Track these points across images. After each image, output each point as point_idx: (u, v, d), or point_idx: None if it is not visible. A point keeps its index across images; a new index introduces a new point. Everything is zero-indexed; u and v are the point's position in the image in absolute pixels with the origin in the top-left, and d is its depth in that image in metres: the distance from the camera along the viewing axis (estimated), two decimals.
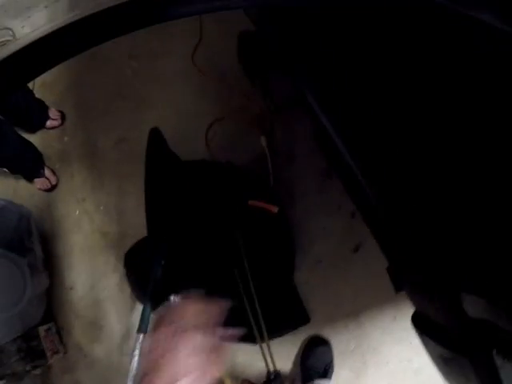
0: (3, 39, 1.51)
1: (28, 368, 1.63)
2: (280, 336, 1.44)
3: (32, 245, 1.64)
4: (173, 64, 1.90)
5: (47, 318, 1.71)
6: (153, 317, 1.26)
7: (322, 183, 1.61)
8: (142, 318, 1.27)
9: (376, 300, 1.50)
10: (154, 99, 1.87)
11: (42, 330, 1.65)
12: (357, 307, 1.52)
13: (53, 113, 1.95)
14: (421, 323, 0.73)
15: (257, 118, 1.70)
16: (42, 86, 2.03)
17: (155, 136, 1.20)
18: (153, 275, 1.27)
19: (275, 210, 1.29)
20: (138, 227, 1.55)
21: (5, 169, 1.79)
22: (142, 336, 1.27)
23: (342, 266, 1.55)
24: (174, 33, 1.96)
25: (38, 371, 1.68)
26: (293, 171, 1.62)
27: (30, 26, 1.98)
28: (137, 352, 1.25)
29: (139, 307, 1.54)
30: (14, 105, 1.76)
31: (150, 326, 1.24)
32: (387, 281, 0.97)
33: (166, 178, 1.20)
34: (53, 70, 2.15)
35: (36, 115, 1.91)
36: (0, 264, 1.52)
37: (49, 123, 1.95)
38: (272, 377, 1.10)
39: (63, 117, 1.97)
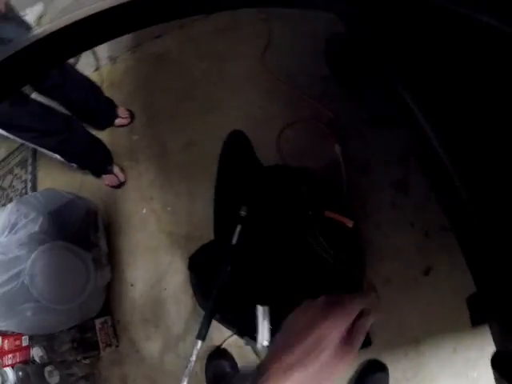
0: None
1: (79, 358, 1.66)
2: None
3: (98, 240, 1.67)
4: (241, 66, 1.89)
5: (104, 311, 1.72)
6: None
7: (395, 197, 1.50)
8: (203, 325, 1.24)
9: (439, 329, 1.39)
10: (223, 102, 1.85)
11: (98, 322, 1.67)
12: (419, 334, 1.42)
13: (122, 111, 1.99)
14: (502, 365, 0.62)
15: (330, 123, 1.63)
16: (110, 86, 2.10)
17: (237, 138, 1.16)
18: (218, 282, 1.23)
19: (350, 224, 1.21)
20: (204, 230, 1.53)
21: (73, 164, 1.83)
22: (200, 342, 1.24)
23: (410, 288, 1.44)
24: (240, 35, 1.96)
25: (87, 361, 1.71)
26: (367, 183, 1.53)
27: None
28: (193, 358, 1.22)
29: (199, 311, 1.53)
30: (83, 102, 1.81)
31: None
32: (453, 309, 0.96)
33: (241, 181, 1.16)
34: (120, 69, 2.18)
35: (105, 113, 1.96)
36: (65, 257, 1.56)
37: (118, 121, 1.99)
38: None
39: (132, 116, 2.01)
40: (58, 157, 1.75)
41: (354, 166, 1.55)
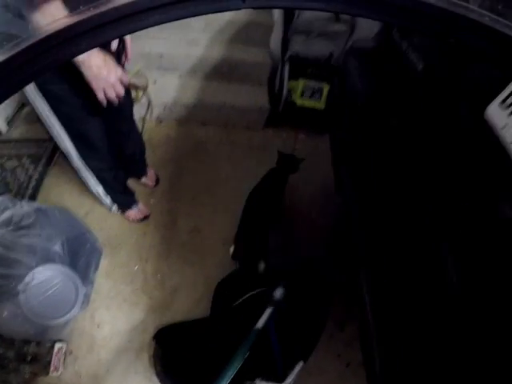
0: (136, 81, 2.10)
1: (27, 371, 1.72)
2: None
3: (94, 278, 1.88)
4: None
5: None
6: None
7: (333, 332, 1.98)
8: None
9: None
10: (233, 211, 2.18)
11: (57, 346, 1.79)
12: None
13: (151, 174, 2.30)
14: None
15: None
16: (147, 142, 2.28)
17: None
18: None
19: None
20: (179, 309, 1.87)
21: (100, 187, 1.97)
22: None
23: None
24: (267, 159, 2.40)
25: (27, 375, 1.74)
26: None
27: (161, 83, 2.75)
28: None
29: (151, 374, 1.78)
30: (130, 154, 2.05)
31: None
32: None
33: None
34: (163, 133, 2.67)
35: (139, 169, 2.24)
36: (65, 283, 1.72)
37: (143, 180, 2.28)
38: None
39: (157, 182, 2.32)
40: (101, 188, 1.92)
41: None
